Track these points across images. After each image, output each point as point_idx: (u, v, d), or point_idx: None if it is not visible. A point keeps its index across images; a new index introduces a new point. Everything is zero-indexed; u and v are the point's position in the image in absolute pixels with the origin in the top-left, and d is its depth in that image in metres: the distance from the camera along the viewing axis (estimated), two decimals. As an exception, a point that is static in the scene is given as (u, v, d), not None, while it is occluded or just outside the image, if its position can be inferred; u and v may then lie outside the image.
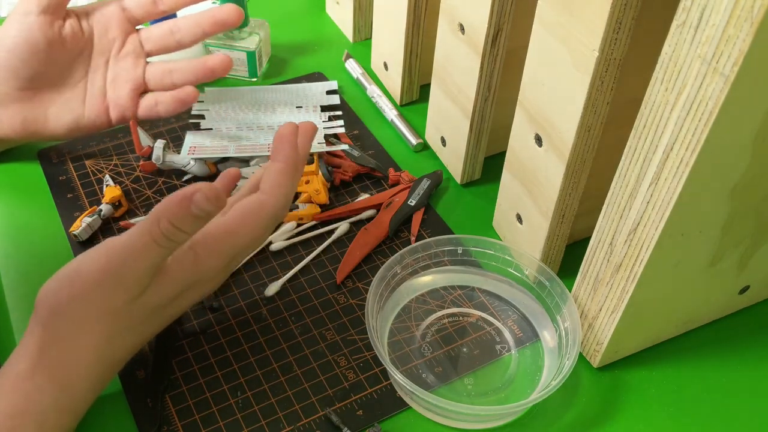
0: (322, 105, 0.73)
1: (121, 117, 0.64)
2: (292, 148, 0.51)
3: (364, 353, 0.55)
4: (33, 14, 0.59)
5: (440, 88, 0.65)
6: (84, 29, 0.63)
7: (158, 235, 0.44)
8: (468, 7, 0.57)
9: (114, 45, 0.64)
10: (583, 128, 0.49)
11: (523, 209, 0.58)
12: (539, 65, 0.50)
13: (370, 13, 0.81)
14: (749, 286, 0.56)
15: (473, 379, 0.53)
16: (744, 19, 0.34)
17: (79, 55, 0.63)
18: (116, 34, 0.64)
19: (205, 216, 0.44)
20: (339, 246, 0.62)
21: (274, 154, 0.51)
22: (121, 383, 0.52)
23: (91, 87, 0.64)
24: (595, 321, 0.52)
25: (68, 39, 0.61)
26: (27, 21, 0.59)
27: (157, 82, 0.64)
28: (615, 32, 0.44)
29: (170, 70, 0.64)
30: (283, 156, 0.50)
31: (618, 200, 0.46)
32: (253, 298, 0.58)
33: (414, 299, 0.58)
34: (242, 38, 0.75)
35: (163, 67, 0.64)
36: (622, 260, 0.48)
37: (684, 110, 0.39)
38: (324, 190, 0.64)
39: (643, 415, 0.52)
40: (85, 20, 0.63)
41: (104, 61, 0.64)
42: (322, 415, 0.51)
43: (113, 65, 0.64)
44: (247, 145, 0.66)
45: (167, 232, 0.44)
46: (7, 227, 0.63)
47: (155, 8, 0.63)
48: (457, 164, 0.67)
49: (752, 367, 0.55)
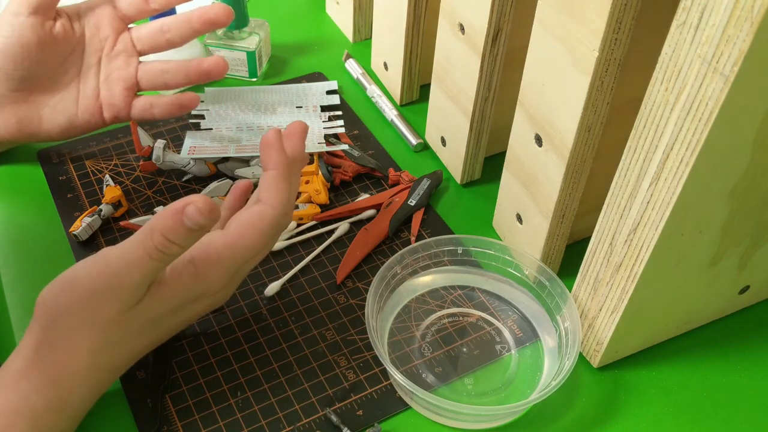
0: (322, 105, 0.73)
1: (115, 117, 0.64)
2: (279, 152, 0.50)
3: (364, 353, 0.55)
4: (23, 15, 0.59)
5: (440, 88, 0.65)
6: (75, 28, 0.62)
7: (151, 249, 0.44)
8: (468, 7, 0.57)
9: (106, 44, 0.63)
10: (583, 128, 0.49)
11: (523, 209, 0.58)
12: (539, 65, 0.50)
13: (370, 13, 0.81)
14: (749, 286, 0.56)
15: (473, 379, 0.53)
16: (744, 19, 0.34)
17: (71, 55, 0.63)
18: (108, 32, 0.63)
19: (198, 229, 0.43)
20: (339, 246, 0.62)
21: (264, 164, 0.51)
22: (121, 383, 0.52)
23: (84, 87, 0.63)
24: (595, 321, 0.52)
25: (60, 39, 0.61)
26: (17, 22, 0.59)
27: (150, 82, 0.64)
28: (615, 32, 0.44)
29: (163, 71, 0.63)
30: (272, 163, 0.50)
31: (618, 200, 0.46)
32: (253, 298, 0.58)
33: (414, 299, 0.58)
34: (242, 38, 0.75)
35: (156, 67, 0.64)
36: (622, 260, 0.48)
37: (684, 110, 0.39)
38: (324, 190, 0.64)
39: (643, 415, 0.52)
40: (76, 19, 0.63)
41: (96, 60, 0.63)
42: (322, 415, 0.51)
43: (106, 64, 0.64)
44: (247, 145, 0.66)
45: (160, 245, 0.43)
46: (7, 227, 0.63)
47: (147, 6, 0.63)
48: (457, 164, 0.67)
49: (752, 367, 0.55)
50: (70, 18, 0.62)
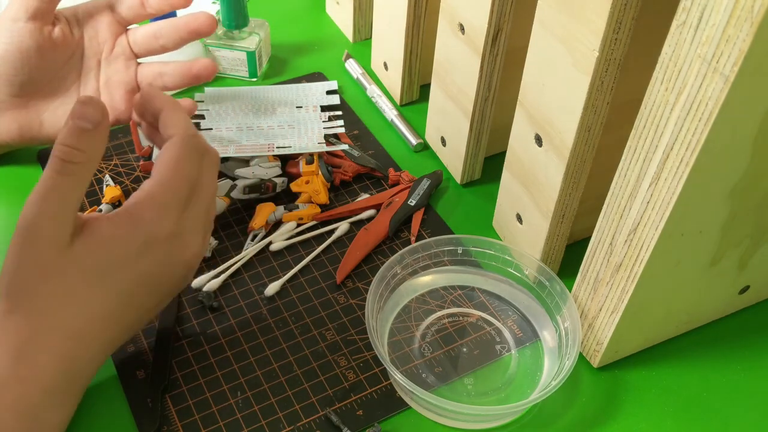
0: (322, 105, 0.73)
1: (116, 119, 0.64)
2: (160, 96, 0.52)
3: (364, 353, 0.55)
4: (22, 21, 0.59)
5: (440, 88, 0.65)
6: (74, 33, 0.62)
7: (56, 163, 0.43)
8: (468, 7, 0.57)
9: (104, 47, 0.63)
10: (583, 128, 0.49)
11: (523, 209, 0.58)
12: (539, 65, 0.50)
13: (370, 13, 0.81)
14: (749, 286, 0.56)
15: (473, 379, 0.53)
16: (744, 19, 0.34)
17: (70, 59, 0.63)
18: (106, 36, 0.63)
19: (91, 126, 0.44)
20: (339, 246, 0.62)
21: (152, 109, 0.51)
22: (121, 383, 0.52)
23: (84, 90, 0.63)
24: (595, 321, 0.52)
25: (59, 43, 0.61)
26: (16, 28, 0.59)
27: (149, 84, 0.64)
28: (615, 32, 0.44)
29: (161, 73, 0.64)
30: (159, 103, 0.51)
31: (618, 200, 0.46)
32: (253, 298, 0.58)
33: (414, 299, 0.58)
34: (242, 38, 0.75)
35: (154, 70, 0.64)
36: (622, 260, 0.48)
37: (684, 110, 0.39)
38: (324, 190, 0.64)
39: (643, 415, 0.52)
40: (75, 23, 0.63)
41: (96, 64, 0.64)
42: (322, 415, 0.51)
43: (105, 68, 0.64)
44: (247, 145, 0.66)
45: (61, 153, 0.43)
46: (7, 228, 0.63)
47: (144, 10, 0.63)
48: (457, 164, 0.67)
49: (752, 367, 0.55)
50: (69, 22, 0.62)
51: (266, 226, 0.62)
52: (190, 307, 0.57)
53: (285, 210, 0.62)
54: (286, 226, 0.62)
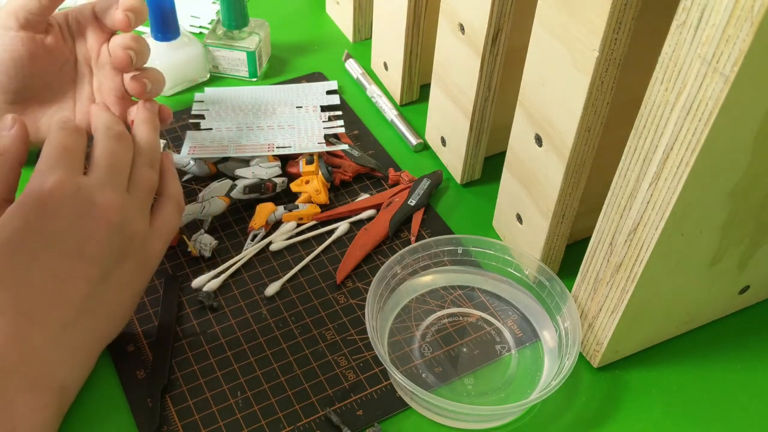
0: (322, 105, 0.73)
1: None
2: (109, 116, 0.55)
3: (364, 353, 0.55)
4: (13, 30, 0.59)
5: (440, 88, 0.65)
6: (66, 39, 0.62)
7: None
8: (468, 7, 0.57)
9: (93, 53, 0.63)
10: (583, 128, 0.49)
11: (523, 209, 0.58)
12: (539, 65, 0.50)
13: (370, 13, 0.81)
14: (749, 286, 0.56)
15: (473, 379, 0.53)
16: (744, 19, 0.34)
17: (64, 65, 0.63)
18: (92, 42, 0.63)
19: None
20: (339, 246, 0.62)
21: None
22: (121, 383, 0.52)
23: (80, 95, 0.63)
24: (595, 321, 0.52)
25: (52, 50, 0.61)
26: (8, 36, 0.59)
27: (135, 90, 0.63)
28: (615, 32, 0.44)
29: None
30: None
31: (618, 200, 0.47)
32: (253, 298, 0.58)
33: (414, 299, 0.58)
34: (242, 38, 0.75)
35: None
36: (622, 260, 0.48)
37: (684, 110, 0.39)
38: (324, 190, 0.64)
39: (643, 415, 0.52)
40: (67, 29, 0.62)
41: (89, 69, 0.63)
42: (322, 415, 0.51)
43: (97, 73, 0.63)
44: (247, 145, 0.66)
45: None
46: (7, 227, 0.63)
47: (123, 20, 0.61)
48: (457, 164, 0.67)
49: (752, 367, 0.55)
50: (61, 28, 0.62)
51: (266, 226, 0.62)
52: (190, 307, 0.57)
53: (285, 210, 0.62)
54: (286, 226, 0.62)
